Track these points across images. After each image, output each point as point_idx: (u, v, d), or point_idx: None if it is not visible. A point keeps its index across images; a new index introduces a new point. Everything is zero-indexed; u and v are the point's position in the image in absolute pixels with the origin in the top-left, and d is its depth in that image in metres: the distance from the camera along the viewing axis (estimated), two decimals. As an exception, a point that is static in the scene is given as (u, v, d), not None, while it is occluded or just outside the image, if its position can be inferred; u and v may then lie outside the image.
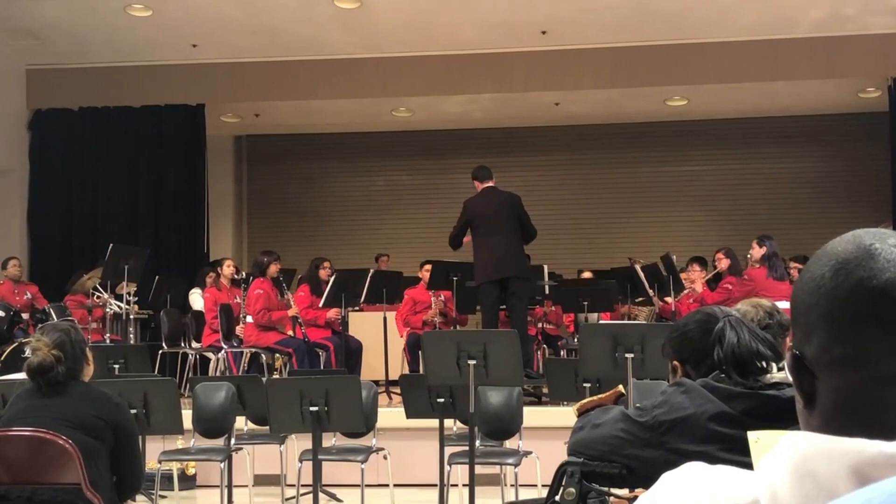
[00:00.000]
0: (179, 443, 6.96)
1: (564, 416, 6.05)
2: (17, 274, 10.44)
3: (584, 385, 5.78)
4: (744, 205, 13.42)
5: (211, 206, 12.76)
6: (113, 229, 11.66)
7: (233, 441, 6.27)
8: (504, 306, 8.65)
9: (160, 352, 9.73)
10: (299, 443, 6.70)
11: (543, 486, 5.58)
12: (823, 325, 0.89)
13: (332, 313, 9.32)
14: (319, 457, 5.57)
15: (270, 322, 9.25)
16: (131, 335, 9.70)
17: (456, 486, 6.48)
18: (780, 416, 2.05)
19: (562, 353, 9.86)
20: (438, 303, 9.81)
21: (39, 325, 6.74)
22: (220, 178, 13.57)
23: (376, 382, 6.88)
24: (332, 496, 6.91)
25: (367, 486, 6.09)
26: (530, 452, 5.95)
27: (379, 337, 9.13)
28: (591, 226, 13.63)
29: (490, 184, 8.69)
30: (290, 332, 9.37)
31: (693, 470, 0.91)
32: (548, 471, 2.97)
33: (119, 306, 9.89)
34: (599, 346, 5.17)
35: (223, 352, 9.45)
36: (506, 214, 8.52)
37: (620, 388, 2.99)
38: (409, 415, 6.07)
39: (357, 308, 9.97)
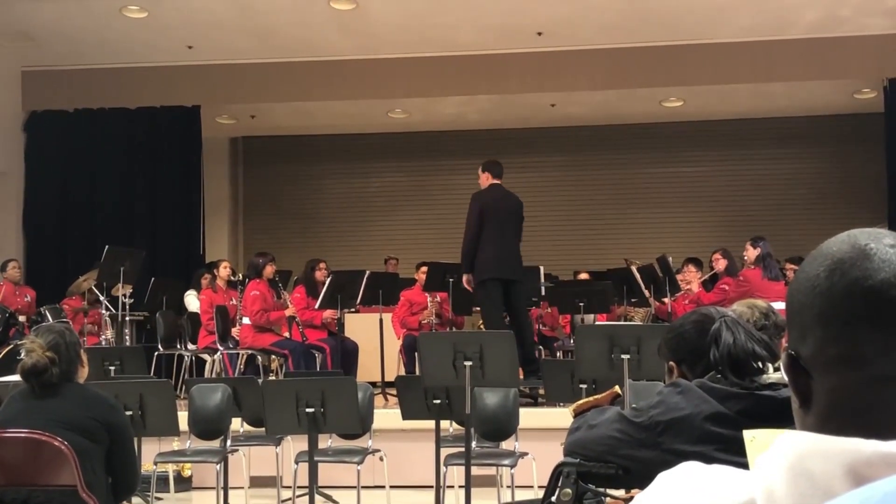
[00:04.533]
0: (175, 444, 6.95)
1: (560, 417, 6.04)
2: (16, 276, 10.41)
3: (581, 386, 5.78)
4: (739, 206, 13.43)
5: (207, 207, 12.74)
6: (109, 231, 11.64)
7: (229, 443, 6.26)
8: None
9: (156, 354, 9.70)
10: (295, 444, 6.70)
11: (539, 487, 5.58)
12: (818, 325, 0.89)
13: (328, 314, 9.32)
14: (315, 458, 5.56)
15: (268, 323, 9.25)
16: (127, 337, 9.69)
17: (452, 487, 6.49)
18: (776, 417, 2.05)
19: (558, 354, 9.86)
20: (434, 304, 9.81)
21: (34, 327, 6.73)
22: (215, 180, 13.56)
23: (372, 384, 6.87)
24: (329, 498, 6.90)
25: (363, 487, 6.09)
26: (526, 454, 5.95)
27: (375, 338, 9.12)
28: (587, 227, 13.63)
29: (499, 181, 8.61)
30: (287, 334, 9.36)
31: (689, 470, 0.91)
32: (544, 472, 2.97)
33: (114, 308, 9.88)
34: (595, 348, 5.18)
35: (219, 353, 9.44)
36: (515, 215, 8.52)
37: (617, 388, 2.98)
38: (405, 416, 6.07)
39: (353, 310, 9.97)
